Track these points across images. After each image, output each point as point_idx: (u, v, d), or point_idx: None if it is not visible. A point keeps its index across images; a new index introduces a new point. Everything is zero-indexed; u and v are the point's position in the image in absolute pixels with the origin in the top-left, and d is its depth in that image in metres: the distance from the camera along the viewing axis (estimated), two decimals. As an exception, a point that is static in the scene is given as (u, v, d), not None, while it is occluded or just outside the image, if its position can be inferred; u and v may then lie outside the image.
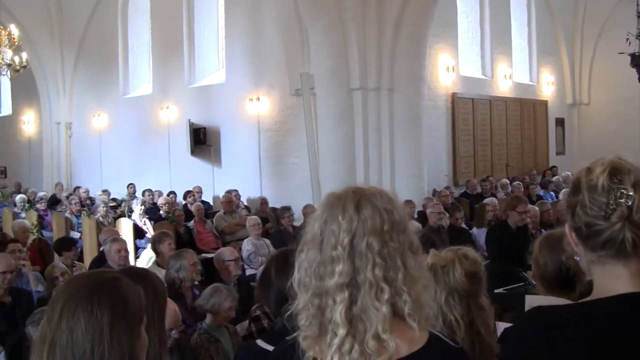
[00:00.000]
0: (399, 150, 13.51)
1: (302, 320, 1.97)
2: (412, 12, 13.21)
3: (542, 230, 9.73)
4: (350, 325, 1.89)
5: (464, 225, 10.98)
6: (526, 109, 20.18)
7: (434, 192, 14.48)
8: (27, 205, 15.02)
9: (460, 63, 18.08)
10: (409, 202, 11.93)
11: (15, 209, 15.08)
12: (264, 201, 14.61)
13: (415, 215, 11.69)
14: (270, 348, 2.89)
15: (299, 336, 1.98)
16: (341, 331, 1.88)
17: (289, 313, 2.01)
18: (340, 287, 1.90)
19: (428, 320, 1.98)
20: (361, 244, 1.92)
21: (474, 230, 10.91)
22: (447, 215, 11.01)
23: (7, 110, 25.07)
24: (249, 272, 9.29)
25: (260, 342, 3.05)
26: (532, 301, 3.54)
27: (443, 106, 17.17)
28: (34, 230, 11.87)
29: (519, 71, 20.61)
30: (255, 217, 11.35)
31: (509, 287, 6.98)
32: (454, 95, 17.41)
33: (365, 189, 2.03)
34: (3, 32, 15.05)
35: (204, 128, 17.52)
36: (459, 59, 17.98)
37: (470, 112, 18.01)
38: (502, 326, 2.96)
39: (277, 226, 12.28)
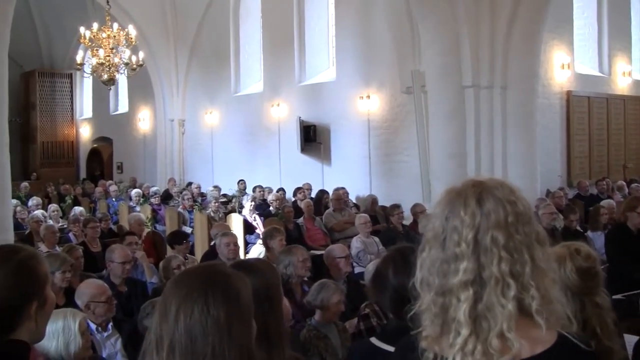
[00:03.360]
0: (511, 150, 13.17)
1: (425, 320, 1.91)
2: (526, 8, 12.86)
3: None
4: (474, 324, 1.82)
5: (578, 228, 10.59)
6: (646, 107, 19.31)
7: (548, 193, 14.07)
8: (141, 199, 15.50)
9: (576, 60, 17.50)
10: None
11: (131, 203, 15.59)
12: (373, 199, 14.55)
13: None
14: (384, 346, 2.91)
15: (419, 335, 1.92)
16: (464, 331, 1.82)
17: (412, 313, 1.95)
18: (465, 285, 1.84)
19: (558, 318, 1.88)
20: (485, 238, 1.85)
21: (589, 233, 10.50)
22: (561, 217, 10.67)
23: (124, 107, 26.08)
24: (357, 269, 9.26)
25: (374, 340, 3.04)
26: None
27: (557, 104, 16.68)
28: (148, 224, 12.22)
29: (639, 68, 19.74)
30: (365, 214, 11.30)
31: (627, 293, 6.64)
32: (569, 93, 16.87)
33: (485, 181, 1.96)
34: (121, 32, 15.58)
35: (314, 126, 17.65)
36: (575, 56, 17.41)
37: (586, 110, 17.40)
38: (630, 339, 2.81)
39: (387, 224, 12.19)
